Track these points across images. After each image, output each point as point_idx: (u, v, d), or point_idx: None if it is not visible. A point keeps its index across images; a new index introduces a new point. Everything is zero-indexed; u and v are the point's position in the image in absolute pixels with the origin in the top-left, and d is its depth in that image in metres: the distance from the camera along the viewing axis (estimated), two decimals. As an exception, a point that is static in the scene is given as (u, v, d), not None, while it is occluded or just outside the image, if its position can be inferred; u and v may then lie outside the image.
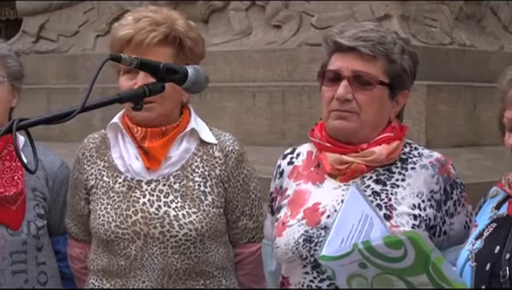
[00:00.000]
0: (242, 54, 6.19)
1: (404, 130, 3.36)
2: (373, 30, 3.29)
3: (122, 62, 2.94)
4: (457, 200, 3.27)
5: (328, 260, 2.80)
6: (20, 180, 3.60)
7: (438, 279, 2.70)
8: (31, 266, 3.68)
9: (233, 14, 6.48)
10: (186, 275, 3.54)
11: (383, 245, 2.69)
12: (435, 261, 2.68)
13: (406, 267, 2.69)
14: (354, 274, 2.77)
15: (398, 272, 2.72)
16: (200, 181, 3.56)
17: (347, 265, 2.77)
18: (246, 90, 5.90)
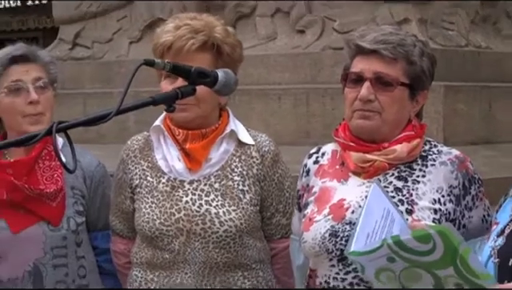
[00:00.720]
0: (268, 58, 6.19)
1: (424, 129, 3.35)
2: (392, 34, 3.30)
3: (155, 67, 2.92)
4: (475, 195, 3.27)
5: (357, 256, 2.80)
6: (59, 178, 3.62)
7: (464, 272, 2.69)
8: (71, 260, 3.69)
9: (259, 20, 6.49)
10: (225, 267, 3.56)
11: (412, 239, 2.68)
12: (463, 253, 2.67)
13: (435, 261, 2.68)
14: (382, 268, 2.76)
15: (426, 266, 2.71)
16: (239, 180, 3.58)
17: (376, 259, 2.76)
18: (272, 93, 5.91)
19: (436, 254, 2.65)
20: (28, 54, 3.69)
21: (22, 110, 3.61)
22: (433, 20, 5.97)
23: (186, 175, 3.58)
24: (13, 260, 3.64)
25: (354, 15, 5.83)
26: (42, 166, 3.62)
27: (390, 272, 2.77)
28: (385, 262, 2.73)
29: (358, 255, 2.77)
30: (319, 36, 6.24)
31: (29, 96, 3.59)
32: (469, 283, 2.70)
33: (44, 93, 3.64)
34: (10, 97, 3.64)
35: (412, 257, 2.70)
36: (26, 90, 3.61)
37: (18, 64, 3.66)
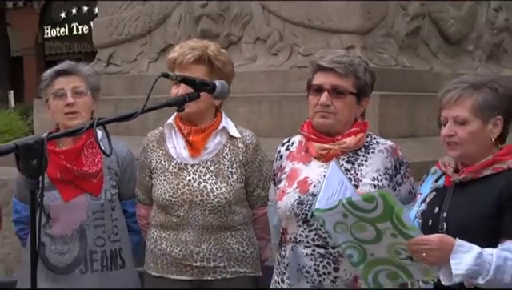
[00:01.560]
0: (250, 74, 6.17)
1: (366, 126, 3.38)
2: (344, 56, 3.36)
3: (169, 78, 3.03)
4: (403, 174, 3.34)
5: (320, 212, 2.85)
6: (99, 162, 3.61)
7: (398, 225, 2.72)
8: (107, 221, 3.68)
9: (244, 46, 6.46)
10: (218, 228, 3.56)
11: (361, 200, 2.76)
12: (397, 211, 2.71)
13: (376, 217, 2.72)
14: (338, 222, 2.81)
15: (370, 220, 2.74)
16: (228, 164, 3.58)
17: (333, 215, 2.81)
18: (254, 99, 5.90)
19: (377, 211, 2.72)
20: (69, 69, 3.71)
21: (62, 110, 3.63)
22: (371, 47, 5.96)
23: (189, 160, 3.59)
24: (63, 222, 3.63)
25: (313, 43, 5.82)
26: (86, 153, 3.62)
27: (344, 225, 2.82)
28: (340, 217, 2.80)
29: (321, 212, 2.84)
30: (288, 58, 6.21)
31: (66, 100, 3.60)
32: (401, 233, 2.75)
33: (81, 97, 3.64)
34: (55, 100, 3.67)
35: (360, 214, 2.76)
36: (66, 95, 3.62)
37: (62, 76, 3.68)
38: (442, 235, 2.79)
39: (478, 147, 2.95)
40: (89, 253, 3.64)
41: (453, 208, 2.95)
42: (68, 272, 3.63)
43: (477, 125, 2.93)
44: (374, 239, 2.79)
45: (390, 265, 2.85)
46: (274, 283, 3.39)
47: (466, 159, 2.99)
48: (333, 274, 3.18)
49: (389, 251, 2.80)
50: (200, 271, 3.55)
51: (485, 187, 2.92)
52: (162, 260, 3.60)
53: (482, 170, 2.94)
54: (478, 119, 2.92)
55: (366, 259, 2.86)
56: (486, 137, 2.94)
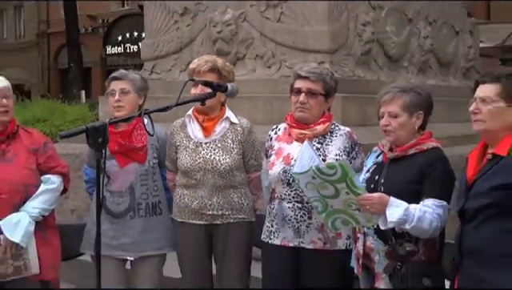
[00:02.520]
0: (252, 81, 6.14)
1: (331, 117, 3.40)
2: (316, 68, 3.43)
3: (194, 82, 3.34)
4: (357, 151, 3.36)
5: (297, 175, 2.92)
6: (145, 140, 3.59)
7: (351, 185, 2.76)
8: (150, 182, 3.67)
9: (247, 61, 6.44)
10: (224, 187, 3.54)
11: (325, 167, 2.80)
12: (351, 176, 2.74)
13: (336, 179, 2.76)
14: (308, 182, 2.85)
15: (331, 182, 2.77)
16: (230, 142, 3.57)
17: (306, 177, 2.85)
18: (254, 98, 5.90)
19: (336, 176, 2.77)
20: (119, 75, 3.68)
21: (112, 104, 3.60)
22: (336, 62, 5.97)
23: (203, 139, 3.57)
24: (119, 182, 3.61)
25: (295, 59, 5.81)
26: (135, 133, 3.59)
27: (313, 185, 2.86)
28: (310, 179, 2.84)
29: (297, 175, 2.92)
30: (278, 70, 6.21)
31: (115, 97, 3.58)
32: (352, 192, 2.79)
33: (127, 96, 3.60)
34: (110, 97, 3.65)
35: (324, 177, 2.80)
36: (115, 94, 3.59)
37: (114, 80, 3.65)
38: (380, 194, 2.81)
39: (405, 133, 2.96)
40: (136, 204, 3.62)
41: (388, 177, 2.97)
42: (121, 217, 3.62)
43: (405, 118, 2.95)
44: (333, 196, 2.81)
45: (344, 214, 2.87)
46: (266, 227, 3.40)
47: (397, 142, 2.99)
48: (307, 221, 3.22)
49: (343, 204, 2.82)
50: (211, 217, 3.54)
51: (410, 162, 2.94)
52: (184, 210, 3.59)
53: (409, 150, 2.96)
54: (405, 114, 2.94)
55: (327, 209, 2.88)
56: (411, 126, 2.96)
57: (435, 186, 2.84)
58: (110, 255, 3.56)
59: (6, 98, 3.45)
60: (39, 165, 3.52)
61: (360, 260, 3.06)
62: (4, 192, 3.36)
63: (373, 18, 6.64)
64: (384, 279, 2.91)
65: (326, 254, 3.22)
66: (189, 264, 3.65)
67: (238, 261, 3.59)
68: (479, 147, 2.67)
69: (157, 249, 3.68)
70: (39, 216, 3.44)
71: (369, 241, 3.01)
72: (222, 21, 6.49)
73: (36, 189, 3.47)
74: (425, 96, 3.02)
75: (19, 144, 3.51)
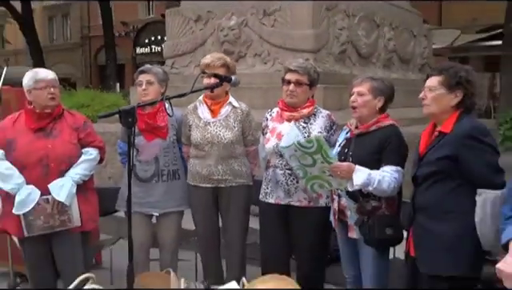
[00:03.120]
0: (252, 74, 6.15)
1: (314, 102, 3.38)
2: (303, 63, 3.36)
3: (207, 74, 3.26)
4: (335, 129, 3.32)
5: (283, 148, 2.92)
6: (166, 120, 3.56)
7: (325, 156, 2.77)
8: (171, 154, 3.65)
9: (248, 58, 6.45)
10: (227, 157, 3.52)
11: (305, 142, 2.80)
12: (325, 149, 2.76)
13: (313, 151, 2.77)
14: (292, 154, 2.87)
15: (309, 153, 2.79)
16: (232, 121, 3.54)
17: (290, 150, 2.87)
18: (253, 88, 5.90)
19: (313, 148, 2.78)
20: (145, 69, 3.65)
21: (140, 92, 3.59)
22: (319, 59, 5.97)
23: (210, 119, 3.54)
24: (146, 153, 3.60)
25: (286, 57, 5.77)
26: (159, 115, 3.56)
27: (295, 156, 2.87)
28: (293, 152, 2.85)
29: (283, 149, 2.91)
30: (272, 65, 6.22)
31: (142, 87, 3.58)
32: (326, 161, 2.79)
33: (151, 85, 3.58)
34: (138, 87, 3.63)
35: (303, 149, 2.81)
36: (142, 84, 3.59)
37: (141, 74, 3.63)
38: (348, 163, 2.83)
39: (367, 111, 2.95)
40: (160, 171, 3.63)
41: (354, 149, 2.97)
42: (148, 181, 3.63)
43: (369, 98, 2.94)
44: (311, 164, 2.83)
45: (320, 179, 2.89)
46: (262, 189, 3.40)
47: (361, 119, 2.98)
48: (295, 184, 3.22)
49: (319, 171, 2.84)
50: (217, 181, 3.54)
51: (372, 137, 2.94)
52: (196, 176, 3.59)
53: (370, 127, 2.96)
54: (370, 95, 2.94)
55: (307, 175, 2.90)
56: (373, 106, 2.95)
57: (392, 155, 2.85)
58: (139, 212, 3.58)
59: (54, 88, 3.43)
60: (80, 140, 3.50)
61: (336, 216, 3.09)
62: (52, 162, 3.35)
63: (347, 24, 6.62)
64: (355, 229, 2.94)
65: (310, 210, 3.24)
66: (200, 219, 3.67)
67: (239, 216, 3.61)
68: (430, 126, 2.68)
69: (176, 207, 3.69)
70: (80, 180, 3.44)
71: (342, 201, 3.03)
72: (227, 26, 6.50)
73: (77, 159, 3.46)
74: (388, 86, 3.02)
75: (64, 123, 3.49)
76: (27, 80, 3.42)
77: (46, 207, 3.33)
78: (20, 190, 3.30)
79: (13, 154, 3.33)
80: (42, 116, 3.41)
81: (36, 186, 3.33)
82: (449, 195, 2.48)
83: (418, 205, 2.62)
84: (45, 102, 3.40)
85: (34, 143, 3.35)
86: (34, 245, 3.45)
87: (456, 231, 2.44)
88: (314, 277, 3.30)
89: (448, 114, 2.55)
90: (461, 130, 2.47)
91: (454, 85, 2.53)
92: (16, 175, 3.30)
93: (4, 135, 3.39)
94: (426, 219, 2.55)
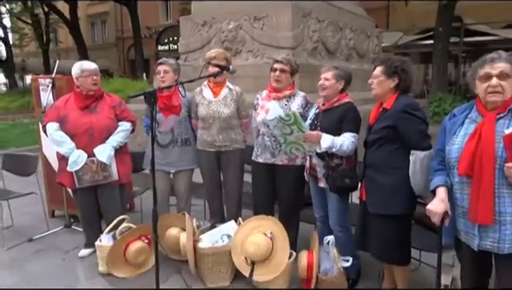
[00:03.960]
0: (246, 66, 6.01)
1: (294, 86, 3.30)
2: (287, 56, 3.30)
3: (211, 64, 3.13)
4: (309, 107, 3.22)
5: (268, 121, 2.82)
6: (180, 99, 3.51)
7: (300, 127, 2.71)
8: (183, 126, 3.60)
9: (243, 54, 6.31)
10: (226, 128, 3.47)
11: (284, 115, 2.71)
12: (300, 121, 2.70)
13: (290, 123, 2.70)
14: (275, 125, 2.79)
15: (288, 125, 2.72)
16: (229, 101, 3.47)
17: (273, 122, 2.78)
18: (247, 76, 5.74)
19: (291, 121, 2.70)
20: (162, 61, 3.55)
21: (158, 79, 3.50)
22: (296, 54, 5.83)
23: (213, 99, 3.47)
24: (164, 126, 3.54)
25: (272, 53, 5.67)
26: (174, 97, 3.50)
27: (277, 127, 2.78)
28: (276, 123, 2.77)
29: (268, 121, 2.79)
30: (261, 59, 6.08)
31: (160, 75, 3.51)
32: (301, 130, 2.72)
33: (167, 74, 3.49)
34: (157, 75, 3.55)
35: (284, 122, 2.73)
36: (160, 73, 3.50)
37: (160, 65, 3.53)
38: (317, 132, 2.78)
39: (332, 91, 2.89)
40: (175, 139, 3.58)
41: (322, 121, 2.91)
42: (167, 147, 3.58)
43: (333, 81, 2.89)
44: (289, 133, 2.77)
45: (297, 144, 2.84)
46: (254, 152, 3.35)
47: (327, 98, 2.93)
48: (278, 148, 3.17)
49: (296, 138, 2.79)
50: (219, 147, 3.50)
51: (335, 111, 2.89)
52: (203, 143, 3.54)
53: (334, 104, 2.91)
54: (334, 80, 2.88)
55: (287, 141, 2.85)
56: (336, 88, 2.90)
57: (350, 124, 2.82)
58: (160, 170, 3.57)
59: (96, 76, 3.42)
60: (116, 115, 3.49)
61: (308, 171, 3.08)
62: (96, 132, 3.37)
63: (318, 27, 6.48)
64: (323, 181, 2.93)
65: (290, 168, 3.22)
66: (206, 175, 3.65)
67: (236, 172, 3.59)
68: (377, 104, 2.65)
69: (188, 165, 3.67)
70: (117, 146, 3.44)
71: (313, 160, 3.01)
72: (227, 29, 6.37)
73: (115, 130, 3.46)
74: (347, 73, 2.97)
75: (104, 103, 3.47)
76: (75, 69, 3.40)
77: (92, 166, 3.36)
78: (72, 153, 3.32)
79: (66, 126, 3.35)
80: (87, 97, 3.40)
81: (84, 150, 3.35)
82: (390, 155, 2.47)
83: (367, 163, 2.61)
84: (89, 86, 3.38)
85: (82, 118, 3.36)
86: (84, 194, 3.49)
87: (395, 181, 2.44)
88: (292, 217, 3.32)
89: (389, 94, 2.53)
90: (398, 107, 2.45)
91: (391, 73, 2.51)
92: (68, 141, 3.32)
93: (58, 113, 3.39)
94: (374, 173, 2.55)
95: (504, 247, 1.86)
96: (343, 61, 7.20)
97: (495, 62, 1.91)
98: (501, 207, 1.85)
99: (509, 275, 1.89)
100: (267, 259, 2.93)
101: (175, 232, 3.38)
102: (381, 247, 2.54)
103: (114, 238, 3.32)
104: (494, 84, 1.89)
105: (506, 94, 1.89)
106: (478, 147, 1.87)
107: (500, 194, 1.85)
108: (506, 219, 1.84)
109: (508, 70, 1.89)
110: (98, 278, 3.24)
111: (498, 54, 1.94)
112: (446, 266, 2.56)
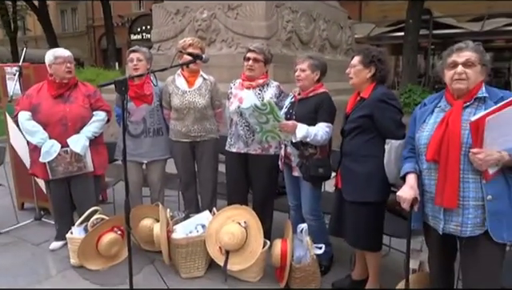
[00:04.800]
0: (220, 56, 5.96)
1: (267, 76, 3.26)
2: (261, 45, 3.25)
3: (183, 53, 3.04)
4: (283, 96, 3.21)
5: (243, 109, 2.83)
6: (151, 88, 3.44)
7: (275, 116, 2.70)
8: (155, 116, 3.52)
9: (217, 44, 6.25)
10: (200, 118, 3.42)
11: (259, 104, 2.70)
12: (276, 110, 2.69)
13: (266, 112, 2.69)
14: (251, 114, 2.77)
15: (264, 114, 2.71)
16: (204, 91, 3.41)
17: (248, 110, 2.77)
18: (221, 66, 5.68)
19: (267, 110, 2.70)
20: (135, 49, 3.47)
21: (131, 67, 3.41)
22: (271, 44, 5.79)
23: (187, 88, 3.41)
24: (136, 115, 3.46)
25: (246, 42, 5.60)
26: (145, 85, 3.41)
27: (253, 115, 2.77)
28: (251, 112, 2.75)
29: (244, 110, 2.81)
30: (235, 49, 6.02)
31: (133, 63, 3.41)
32: (276, 120, 2.72)
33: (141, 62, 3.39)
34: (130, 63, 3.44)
35: (259, 110, 2.71)
36: (133, 61, 3.41)
37: (133, 53, 3.44)
38: (292, 121, 2.76)
39: (307, 81, 2.88)
40: (147, 129, 3.51)
41: (297, 110, 2.89)
42: (138, 137, 3.51)
43: (309, 72, 2.87)
44: (265, 122, 2.76)
45: (272, 133, 2.83)
46: (227, 141, 3.32)
47: (303, 87, 2.91)
48: (252, 137, 3.16)
49: (271, 127, 2.77)
50: (193, 137, 3.45)
51: (310, 101, 2.88)
52: (177, 133, 3.48)
53: (309, 94, 2.90)
54: (309, 70, 2.86)
55: (262, 130, 2.83)
56: (311, 78, 2.89)
57: (324, 114, 2.82)
58: (133, 160, 3.50)
59: (70, 63, 3.32)
60: (91, 105, 3.39)
61: (283, 160, 3.07)
62: (70, 122, 3.27)
63: (292, 18, 6.45)
64: (297, 169, 2.93)
65: (263, 157, 3.20)
66: (180, 165, 3.59)
67: (210, 162, 3.55)
68: (355, 94, 2.66)
69: (161, 156, 3.60)
70: (92, 136, 3.35)
71: (288, 149, 3.00)
72: (201, 18, 6.26)
73: (89, 120, 3.38)
74: (322, 62, 2.96)
75: (78, 92, 3.38)
76: (48, 56, 3.31)
77: (66, 156, 3.28)
78: (45, 143, 3.22)
79: (38, 115, 3.25)
80: (61, 85, 3.30)
81: (57, 140, 3.25)
82: (366, 143, 2.49)
83: (344, 151, 2.63)
84: (62, 74, 3.29)
85: (55, 107, 3.26)
86: (57, 185, 3.40)
87: (370, 169, 2.47)
88: (266, 206, 3.31)
89: (366, 84, 2.54)
90: (375, 96, 2.46)
91: (368, 62, 2.51)
92: (41, 131, 3.22)
93: (30, 101, 3.29)
94: (350, 161, 2.56)
95: (466, 230, 1.92)
96: (316, 51, 7.20)
97: (462, 51, 1.94)
98: (465, 192, 1.89)
99: (470, 257, 1.95)
100: (242, 248, 2.93)
101: (149, 223, 3.32)
102: (355, 233, 2.58)
103: (85, 230, 3.24)
104: (459, 71, 1.92)
105: (471, 81, 1.92)
106: (445, 133, 1.91)
107: (465, 179, 1.89)
108: (469, 203, 1.89)
109: (473, 59, 1.92)
110: (70, 271, 3.15)
111: (465, 44, 1.99)
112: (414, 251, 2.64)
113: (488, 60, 1.96)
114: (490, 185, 1.84)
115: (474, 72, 1.92)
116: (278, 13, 6.16)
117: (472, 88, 1.93)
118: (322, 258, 3.00)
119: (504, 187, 1.85)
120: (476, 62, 1.92)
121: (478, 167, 1.83)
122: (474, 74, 1.92)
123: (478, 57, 1.93)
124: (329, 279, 2.95)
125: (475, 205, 1.88)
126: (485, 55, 1.95)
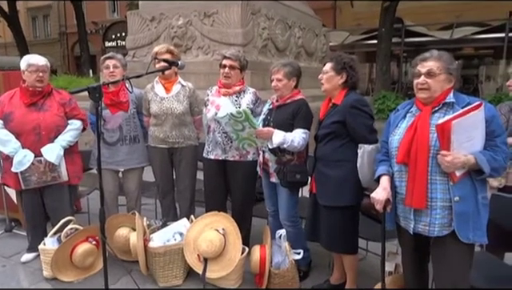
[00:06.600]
0: (196, 62, 5.96)
1: (244, 83, 3.27)
2: (237, 52, 3.23)
3: (157, 59, 3.01)
4: (259, 103, 3.22)
5: (219, 118, 2.80)
6: (127, 96, 3.41)
7: (251, 123, 2.71)
8: (131, 123, 3.48)
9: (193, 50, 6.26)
10: (179, 125, 3.40)
11: (235, 112, 2.69)
12: (251, 118, 2.69)
13: (242, 120, 2.69)
14: (227, 122, 2.77)
15: (239, 121, 2.71)
16: (182, 97, 3.40)
17: (224, 119, 2.76)
18: (198, 73, 5.70)
19: (243, 117, 2.70)
20: (111, 56, 3.44)
21: (107, 74, 3.37)
22: (246, 51, 5.85)
23: (165, 95, 3.39)
24: (111, 123, 3.41)
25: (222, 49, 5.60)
26: (121, 92, 3.38)
27: (229, 123, 2.76)
28: (227, 120, 2.74)
29: (220, 118, 2.78)
30: (212, 56, 6.04)
31: (110, 70, 3.37)
32: (253, 127, 2.72)
33: (117, 68, 3.38)
34: (105, 70, 3.39)
35: (235, 118, 2.71)
36: (109, 68, 3.37)
37: (108, 59, 3.41)
38: (268, 128, 2.78)
39: (285, 89, 2.90)
40: (123, 136, 3.46)
41: (275, 117, 2.91)
42: (114, 145, 3.46)
43: (286, 81, 2.89)
44: (241, 129, 2.76)
45: (249, 140, 2.84)
46: (205, 148, 3.31)
47: (281, 95, 2.93)
48: (230, 144, 3.15)
49: (248, 134, 2.78)
50: (172, 143, 3.43)
51: (287, 108, 2.90)
52: (155, 139, 3.45)
53: (287, 100, 2.92)
54: (286, 78, 2.88)
55: (239, 137, 2.83)
56: (289, 86, 2.91)
57: (301, 121, 2.84)
58: (108, 169, 3.44)
59: (43, 72, 3.23)
60: (66, 113, 3.32)
61: (261, 166, 3.08)
62: (43, 130, 3.19)
63: (268, 25, 6.51)
64: (274, 175, 2.94)
65: (241, 163, 3.20)
66: (158, 172, 3.56)
67: (188, 169, 3.53)
68: (327, 100, 2.70)
69: (137, 164, 3.56)
70: (66, 145, 3.27)
71: (266, 155, 3.02)
72: (176, 25, 6.25)
73: (64, 128, 3.30)
74: (297, 68, 2.98)
75: (53, 99, 3.30)
76: (23, 62, 3.23)
77: (40, 166, 3.19)
78: (17, 152, 3.14)
79: (10, 124, 3.16)
80: (34, 93, 3.22)
81: (30, 150, 3.17)
82: (339, 148, 2.53)
83: (318, 156, 2.66)
84: (33, 83, 3.21)
85: (28, 115, 3.18)
86: (30, 196, 3.32)
87: (344, 174, 2.51)
88: (244, 212, 3.31)
89: (338, 90, 2.60)
90: (347, 102, 2.51)
91: (339, 69, 2.57)
92: (13, 140, 3.14)
93: (2, 109, 3.20)
94: (324, 166, 2.60)
95: (434, 230, 1.97)
96: (292, 59, 7.30)
97: (426, 61, 2.00)
98: (433, 193, 1.95)
99: (439, 257, 2.00)
100: (220, 255, 2.91)
101: (125, 232, 3.26)
102: (330, 237, 2.61)
103: (59, 241, 3.14)
104: (420, 82, 2.00)
105: (433, 90, 1.98)
106: (414, 137, 1.98)
107: (433, 180, 1.94)
108: (437, 204, 1.94)
109: (435, 69, 1.97)
110: (43, 283, 3.06)
111: (430, 53, 2.05)
112: (390, 254, 2.69)
113: (454, 68, 2.01)
114: (457, 187, 1.89)
115: (436, 81, 1.97)
116: (254, 20, 6.22)
117: (438, 95, 1.99)
118: (301, 263, 3.01)
119: (471, 189, 1.90)
120: (438, 71, 1.97)
121: (445, 169, 1.88)
122: (436, 83, 1.97)
123: (442, 66, 1.97)
124: (307, 285, 2.97)
125: (443, 206, 1.93)
126: (450, 63, 2.00)
